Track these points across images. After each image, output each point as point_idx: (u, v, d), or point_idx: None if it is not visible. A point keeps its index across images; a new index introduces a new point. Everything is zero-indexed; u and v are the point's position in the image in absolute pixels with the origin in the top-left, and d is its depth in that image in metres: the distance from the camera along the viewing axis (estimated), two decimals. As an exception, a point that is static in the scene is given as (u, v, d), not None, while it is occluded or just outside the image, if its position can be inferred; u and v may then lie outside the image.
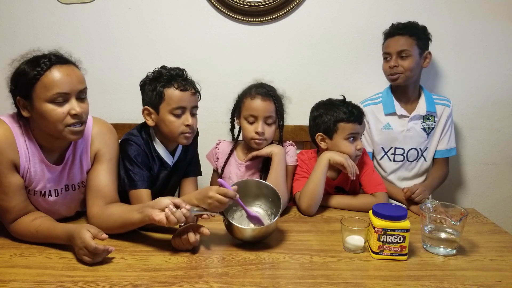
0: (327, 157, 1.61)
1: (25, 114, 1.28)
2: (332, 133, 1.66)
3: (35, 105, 1.25)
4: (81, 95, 1.30)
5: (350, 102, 1.71)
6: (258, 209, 1.44)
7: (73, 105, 1.26)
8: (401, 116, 1.93)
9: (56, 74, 1.24)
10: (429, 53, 1.91)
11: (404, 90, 1.93)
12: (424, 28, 1.89)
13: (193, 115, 1.51)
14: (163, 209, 1.22)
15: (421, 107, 1.92)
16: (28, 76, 1.24)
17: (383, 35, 1.95)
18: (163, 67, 1.52)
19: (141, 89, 1.53)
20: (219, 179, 1.39)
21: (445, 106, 1.96)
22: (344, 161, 1.59)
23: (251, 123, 1.63)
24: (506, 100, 2.15)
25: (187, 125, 1.47)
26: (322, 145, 1.70)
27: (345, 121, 1.64)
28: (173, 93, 1.46)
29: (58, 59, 1.27)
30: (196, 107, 1.53)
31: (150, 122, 1.51)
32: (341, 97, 1.72)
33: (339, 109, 1.66)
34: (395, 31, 1.88)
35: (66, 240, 1.26)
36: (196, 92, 1.51)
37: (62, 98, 1.25)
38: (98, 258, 1.21)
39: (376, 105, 1.96)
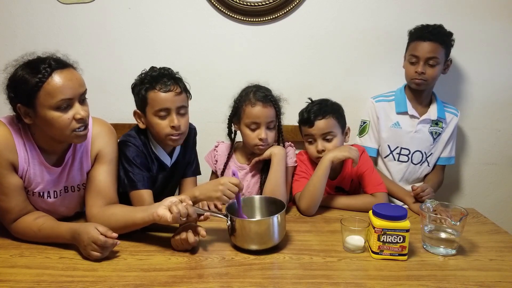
0: (329, 159, 1.59)
1: (28, 121, 1.27)
2: (302, 135, 1.71)
3: (39, 113, 1.24)
4: (82, 98, 1.30)
5: (316, 102, 1.69)
6: None
7: (78, 110, 1.26)
8: (412, 117, 1.93)
9: (58, 80, 1.22)
10: (450, 60, 1.91)
11: (419, 93, 1.93)
12: (451, 35, 1.87)
13: (182, 115, 1.48)
14: (168, 206, 1.23)
15: (432, 112, 1.93)
16: (29, 84, 1.21)
17: (410, 34, 1.91)
18: (151, 68, 1.50)
19: (132, 92, 1.53)
20: (233, 169, 1.40)
21: (453, 115, 1.98)
22: (348, 155, 1.58)
23: (253, 130, 1.62)
24: (506, 100, 2.15)
25: (172, 127, 1.45)
26: (306, 145, 1.73)
27: (300, 124, 1.70)
28: (155, 95, 1.44)
29: (57, 64, 1.25)
30: (184, 106, 1.49)
31: (141, 125, 1.51)
32: (339, 100, 1.72)
33: (301, 111, 1.70)
34: (428, 35, 1.82)
35: (70, 239, 1.26)
36: (183, 91, 1.48)
37: (66, 104, 1.24)
38: (106, 252, 1.22)
39: (389, 102, 1.97)
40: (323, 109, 1.65)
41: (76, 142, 1.32)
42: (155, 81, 1.44)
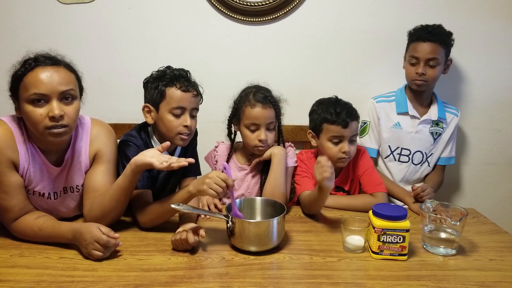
0: (327, 187, 1.43)
1: (17, 114, 1.30)
2: (318, 133, 1.65)
3: (20, 106, 1.27)
4: (65, 97, 1.27)
5: (343, 103, 1.66)
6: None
7: (52, 107, 1.24)
8: (412, 117, 1.93)
9: (36, 75, 1.24)
10: (451, 60, 1.91)
11: (420, 94, 1.93)
12: (451, 34, 1.87)
13: (193, 117, 1.51)
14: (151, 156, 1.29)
15: (433, 112, 1.93)
16: (14, 77, 1.26)
17: (410, 35, 1.91)
18: (168, 67, 1.53)
19: (144, 86, 1.54)
20: (224, 163, 1.40)
21: (453, 115, 1.98)
22: (326, 176, 1.39)
23: (252, 131, 1.61)
24: (506, 100, 2.15)
25: (185, 126, 1.47)
26: (313, 142, 1.70)
27: (329, 123, 1.61)
28: (174, 92, 1.46)
29: (46, 60, 1.26)
30: (197, 109, 1.53)
31: (149, 120, 1.52)
32: (345, 97, 1.70)
33: (327, 108, 1.63)
34: (428, 36, 1.81)
35: (71, 238, 1.27)
36: (198, 95, 1.52)
37: (41, 99, 1.24)
38: (108, 252, 1.23)
39: (389, 102, 1.97)
40: (353, 111, 1.64)
41: (51, 141, 1.29)
42: (176, 79, 1.47)
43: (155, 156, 1.29)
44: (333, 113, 1.61)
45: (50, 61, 1.27)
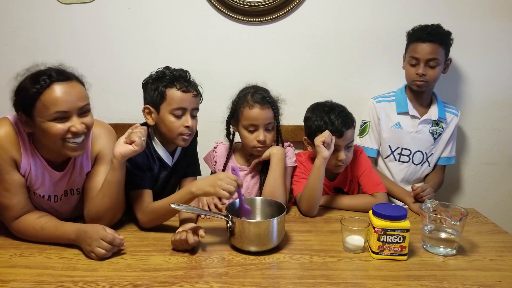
0: (321, 161, 1.53)
1: (28, 130, 1.28)
2: (313, 140, 1.60)
3: (36, 122, 1.24)
4: (83, 111, 1.28)
5: (338, 110, 1.62)
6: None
7: (74, 123, 1.25)
8: (412, 117, 1.93)
9: (55, 92, 1.22)
10: (450, 59, 1.91)
11: (420, 94, 1.93)
12: (450, 34, 1.86)
13: (193, 117, 1.52)
14: (125, 141, 1.33)
15: (433, 112, 1.93)
16: (28, 94, 1.22)
17: (409, 36, 1.91)
18: (167, 67, 1.53)
19: (143, 88, 1.54)
20: (233, 165, 1.40)
21: (454, 115, 1.98)
22: (323, 140, 1.51)
23: (251, 132, 1.61)
24: (506, 100, 2.15)
25: (186, 126, 1.47)
26: (309, 148, 1.69)
27: (323, 132, 1.56)
28: (174, 93, 1.46)
29: (58, 76, 1.25)
30: (197, 109, 1.53)
31: (150, 121, 1.52)
32: (339, 101, 1.68)
33: (321, 117, 1.60)
34: (427, 37, 1.81)
35: (74, 238, 1.27)
36: (198, 94, 1.52)
37: (62, 116, 1.24)
38: (111, 251, 1.24)
39: (389, 102, 1.97)
40: (348, 118, 1.61)
41: (72, 155, 1.30)
42: (176, 79, 1.47)
43: (136, 139, 1.32)
44: (328, 122, 1.58)
45: (63, 76, 1.26)
